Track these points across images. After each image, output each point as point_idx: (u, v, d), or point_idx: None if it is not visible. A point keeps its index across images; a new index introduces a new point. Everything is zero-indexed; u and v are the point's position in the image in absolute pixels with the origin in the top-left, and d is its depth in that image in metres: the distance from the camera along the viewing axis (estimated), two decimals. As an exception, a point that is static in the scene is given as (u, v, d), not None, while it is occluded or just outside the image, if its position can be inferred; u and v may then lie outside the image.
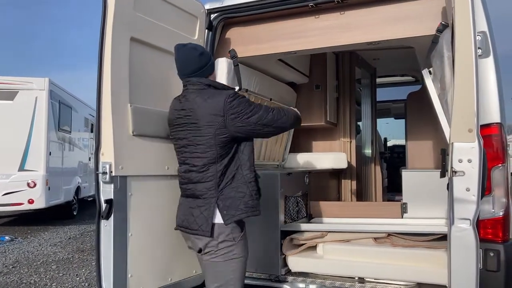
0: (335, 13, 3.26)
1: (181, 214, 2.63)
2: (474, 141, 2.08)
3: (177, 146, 2.64)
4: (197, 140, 2.46)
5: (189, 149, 2.52)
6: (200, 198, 2.48)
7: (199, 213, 2.47)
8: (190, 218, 2.51)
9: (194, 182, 2.51)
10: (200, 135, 2.45)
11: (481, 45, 2.60)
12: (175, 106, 2.65)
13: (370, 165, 5.78)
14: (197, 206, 2.49)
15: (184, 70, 2.58)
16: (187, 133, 2.52)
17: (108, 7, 2.54)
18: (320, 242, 3.24)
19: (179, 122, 2.57)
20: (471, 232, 2.05)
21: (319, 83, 4.92)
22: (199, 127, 2.45)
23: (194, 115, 2.47)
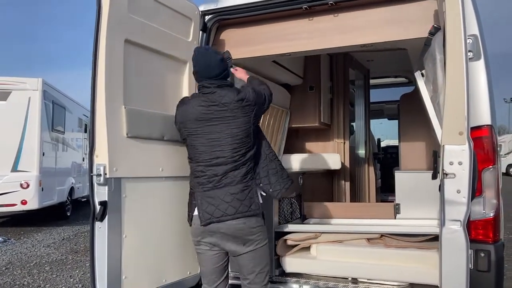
0: (329, 16, 3.28)
1: (219, 205, 2.58)
2: (465, 143, 2.11)
3: (203, 141, 2.65)
4: (235, 132, 2.62)
5: (226, 141, 2.62)
6: (241, 183, 2.63)
7: (245, 196, 2.61)
8: (235, 202, 2.59)
9: (231, 170, 2.62)
10: (237, 126, 2.63)
11: (472, 48, 2.63)
12: (199, 103, 2.68)
13: (364, 165, 5.82)
14: (240, 191, 2.61)
15: (208, 74, 2.70)
16: (223, 126, 2.63)
17: (102, 9, 2.54)
18: (314, 243, 3.27)
19: (208, 117, 2.64)
20: (461, 233, 2.09)
21: (313, 85, 4.95)
22: (237, 119, 2.63)
23: (229, 109, 2.63)
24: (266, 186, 2.74)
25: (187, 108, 2.74)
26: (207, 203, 2.62)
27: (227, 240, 2.62)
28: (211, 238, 2.65)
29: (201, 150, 2.66)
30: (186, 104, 2.78)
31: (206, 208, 2.61)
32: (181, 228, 3.04)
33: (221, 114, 2.62)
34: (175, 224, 2.99)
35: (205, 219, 2.60)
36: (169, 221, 2.93)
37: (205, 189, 2.64)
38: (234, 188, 2.61)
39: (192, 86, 3.25)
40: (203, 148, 2.66)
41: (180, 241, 3.04)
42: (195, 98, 2.76)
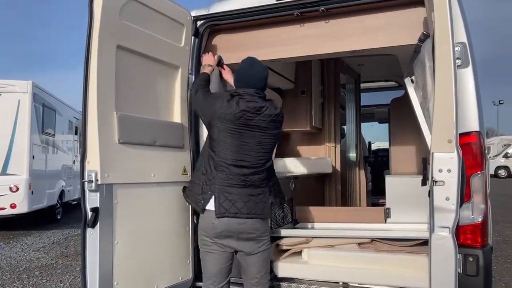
0: (320, 22, 3.31)
1: (237, 203, 2.72)
2: (454, 151, 2.15)
3: (234, 142, 2.74)
4: (267, 141, 2.82)
5: (255, 148, 2.77)
6: (259, 188, 2.81)
7: (259, 199, 2.79)
8: (252, 204, 2.75)
9: (252, 174, 2.78)
10: (269, 136, 2.81)
11: (460, 55, 2.67)
12: (245, 107, 2.74)
13: (355, 169, 5.86)
14: (257, 194, 2.79)
15: (258, 84, 2.87)
16: (256, 134, 2.77)
17: (94, 15, 2.54)
18: (305, 247, 3.29)
19: (248, 123, 2.75)
20: (450, 239, 2.12)
21: (305, 89, 4.98)
22: (270, 131, 2.81)
23: (268, 120, 2.80)
24: (275, 194, 2.98)
25: (232, 106, 2.75)
26: (225, 198, 2.71)
27: (243, 240, 2.74)
28: (228, 239, 2.73)
29: (230, 150, 2.74)
30: (231, 102, 2.78)
31: (223, 202, 2.71)
32: (173, 234, 3.05)
33: (260, 123, 2.77)
34: (167, 230, 3.00)
35: (220, 212, 2.70)
36: (160, 227, 2.93)
37: (225, 184, 2.73)
38: (252, 190, 2.77)
39: (184, 91, 3.27)
40: (233, 148, 2.74)
41: (172, 247, 3.04)
42: (240, 101, 2.78)
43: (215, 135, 2.78)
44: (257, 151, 2.78)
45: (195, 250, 3.25)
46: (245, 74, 2.87)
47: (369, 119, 8.09)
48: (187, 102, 3.29)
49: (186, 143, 3.20)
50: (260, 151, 2.79)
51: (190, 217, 3.20)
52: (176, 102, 3.21)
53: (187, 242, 3.17)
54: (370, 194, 6.24)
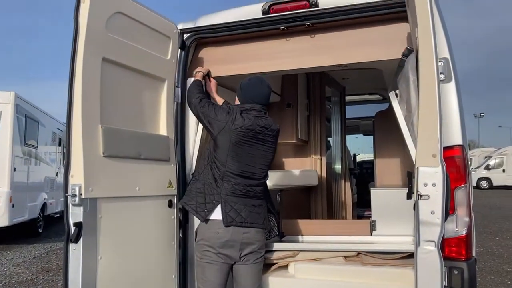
0: (306, 36, 3.34)
1: (242, 212, 2.81)
2: (438, 166, 2.18)
3: (241, 153, 2.83)
4: (269, 155, 2.96)
5: (258, 160, 2.89)
6: (260, 199, 2.94)
7: (260, 210, 2.92)
8: (255, 215, 2.86)
9: (255, 185, 2.90)
10: (270, 150, 2.96)
11: (443, 70, 2.72)
12: (256, 122, 2.88)
13: (340, 181, 5.88)
14: (258, 205, 2.92)
15: (264, 101, 3.02)
16: (261, 147, 2.89)
17: (80, 27, 2.53)
18: (292, 261, 3.27)
19: (257, 136, 2.87)
20: (435, 253, 2.13)
21: (291, 102, 5.00)
22: (272, 145, 2.97)
23: (272, 135, 2.95)
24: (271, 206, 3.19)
25: (245, 119, 2.85)
26: (231, 207, 2.78)
27: (245, 247, 2.82)
28: (231, 249, 2.77)
29: (239, 160, 2.82)
30: (243, 115, 2.87)
31: (229, 212, 2.77)
32: (158, 248, 3.01)
33: (266, 137, 2.90)
34: (152, 245, 2.95)
35: (228, 221, 2.75)
36: (145, 241, 2.89)
37: (230, 194, 2.80)
38: (254, 201, 2.89)
39: (170, 103, 3.26)
40: (241, 159, 2.83)
41: (157, 262, 3.00)
42: (250, 115, 2.88)
43: (224, 145, 2.82)
44: (260, 163, 2.91)
45: (180, 265, 3.22)
46: (254, 90, 2.98)
47: (354, 131, 8.16)
48: (173, 115, 3.28)
49: (171, 156, 3.18)
50: (263, 164, 2.92)
51: (176, 231, 3.17)
52: (162, 114, 3.19)
53: (172, 257, 3.13)
54: (356, 206, 6.26)
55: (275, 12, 3.24)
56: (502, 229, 11.15)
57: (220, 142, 2.83)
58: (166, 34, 3.22)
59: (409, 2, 2.62)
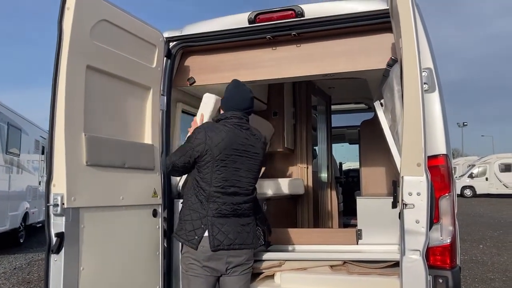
0: (292, 46, 3.37)
1: (230, 234, 2.72)
2: (423, 175, 2.19)
3: (226, 168, 2.73)
4: (255, 167, 2.85)
5: (245, 174, 2.78)
6: (249, 217, 2.84)
7: (249, 229, 2.82)
8: (244, 234, 2.77)
9: (244, 202, 2.79)
10: (256, 161, 2.85)
11: (427, 80, 2.76)
12: (237, 133, 2.80)
13: (326, 190, 5.89)
14: (247, 224, 2.81)
15: (244, 105, 2.91)
16: (247, 160, 2.79)
17: (64, 34, 2.50)
18: (278, 270, 3.25)
19: (240, 148, 2.78)
20: (420, 262, 2.14)
21: (277, 110, 5.01)
22: (258, 156, 2.86)
23: (256, 146, 2.85)
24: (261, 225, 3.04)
25: (221, 131, 2.76)
26: (218, 229, 2.70)
27: (232, 261, 2.74)
28: (217, 262, 2.70)
29: (222, 177, 2.72)
30: (219, 128, 2.78)
31: (216, 235, 2.69)
32: (142, 259, 2.96)
33: (249, 148, 2.82)
34: (136, 255, 2.91)
35: (215, 245, 2.67)
36: (129, 252, 2.84)
37: (217, 214, 2.71)
38: (243, 220, 2.79)
39: (156, 112, 3.23)
40: (224, 175, 2.73)
41: (141, 273, 2.95)
42: (228, 125, 2.81)
43: (208, 163, 2.72)
44: (247, 176, 2.80)
45: (165, 275, 3.17)
46: (234, 97, 2.92)
47: (340, 140, 8.21)
48: (158, 123, 3.25)
49: (157, 165, 3.15)
50: (249, 177, 2.82)
51: (161, 241, 3.12)
52: (147, 123, 3.16)
53: (157, 267, 3.08)
54: (342, 215, 6.28)
55: (261, 22, 3.26)
56: (485, 237, 11.29)
57: (204, 161, 2.74)
58: (152, 42, 3.20)
59: (393, 13, 2.65)
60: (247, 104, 2.93)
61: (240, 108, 2.89)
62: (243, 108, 2.90)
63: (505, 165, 28.99)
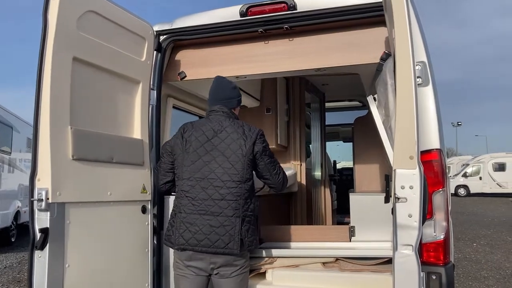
0: (284, 40, 3.31)
1: (197, 233, 2.58)
2: (415, 168, 2.15)
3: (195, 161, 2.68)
4: (233, 161, 2.67)
5: (220, 169, 2.64)
6: (227, 217, 2.59)
7: (224, 232, 2.57)
8: (213, 236, 2.57)
9: (220, 199, 2.61)
10: (236, 159, 2.67)
11: (420, 74, 2.71)
12: (211, 125, 2.75)
13: (320, 187, 5.85)
14: (222, 225, 2.57)
15: (220, 96, 2.84)
16: (221, 154, 2.67)
17: (49, 25, 2.43)
18: (269, 268, 3.20)
19: (216, 141, 2.70)
20: (413, 257, 2.09)
21: (270, 107, 4.96)
22: (238, 150, 2.68)
23: (238, 139, 2.70)
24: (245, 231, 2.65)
25: (194, 126, 2.80)
26: (185, 228, 2.61)
27: (217, 260, 2.60)
28: (200, 262, 2.62)
29: (192, 169, 2.67)
30: (197, 123, 2.84)
31: (183, 233, 2.61)
32: (130, 256, 2.90)
33: (229, 141, 2.71)
34: (124, 252, 2.84)
35: (179, 243, 2.61)
36: (117, 248, 2.78)
37: (188, 211, 2.64)
38: (216, 220, 2.59)
39: (145, 106, 3.17)
40: (195, 167, 2.67)
41: (129, 270, 2.89)
42: (203, 120, 2.82)
43: (179, 157, 2.75)
44: (223, 172, 2.65)
45: (154, 273, 3.11)
46: (213, 92, 2.92)
47: (334, 138, 8.17)
48: (147, 118, 3.19)
49: (146, 160, 3.08)
50: (227, 172, 2.64)
51: (150, 237, 3.06)
52: (136, 117, 3.09)
53: (146, 265, 3.02)
54: (336, 213, 6.24)
55: (253, 15, 3.20)
56: (479, 236, 11.31)
57: (177, 154, 2.77)
58: (141, 35, 3.13)
59: (387, 6, 2.61)
60: (225, 93, 2.86)
61: (218, 98, 2.84)
62: (220, 98, 2.84)
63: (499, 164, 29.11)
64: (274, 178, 2.86)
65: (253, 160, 2.74)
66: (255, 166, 2.77)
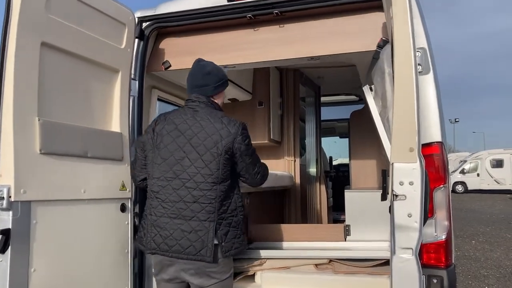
0: (275, 26, 3.11)
1: (168, 238, 2.37)
2: (416, 161, 1.93)
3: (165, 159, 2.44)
4: (207, 158, 2.39)
5: (192, 168, 2.39)
6: (200, 221, 2.34)
7: (196, 237, 2.33)
8: (184, 242, 2.34)
9: (193, 201, 2.36)
10: (211, 156, 2.39)
11: (420, 61, 2.51)
12: (184, 116, 2.50)
13: (315, 184, 5.66)
14: (194, 230, 2.33)
15: (194, 83, 2.58)
16: (193, 149, 2.41)
17: (12, 5, 2.21)
18: (259, 270, 3.00)
19: (189, 135, 2.44)
20: (413, 262, 1.88)
21: (263, 100, 4.75)
22: (212, 145, 2.40)
23: (213, 133, 2.42)
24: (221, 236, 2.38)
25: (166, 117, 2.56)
26: (156, 232, 2.42)
27: (190, 268, 2.38)
28: (172, 268, 2.41)
29: (161, 167, 2.45)
30: (169, 116, 2.58)
31: (154, 237, 2.42)
32: (107, 258, 2.69)
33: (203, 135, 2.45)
34: (100, 254, 2.63)
35: (151, 248, 2.43)
36: (94, 250, 2.57)
37: (158, 213, 2.43)
38: (188, 225, 2.36)
39: (125, 97, 2.96)
40: (164, 166, 2.45)
41: (106, 274, 2.67)
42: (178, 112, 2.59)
43: (149, 154, 2.53)
44: (196, 171, 2.38)
45: (136, 276, 2.91)
46: (189, 79, 2.66)
47: (330, 133, 7.97)
48: (128, 110, 2.97)
49: (126, 155, 2.87)
50: (200, 172, 2.37)
51: (130, 238, 2.85)
52: (115, 109, 2.88)
53: (126, 267, 2.81)
54: (331, 210, 6.04)
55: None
56: (478, 233, 11.15)
57: (149, 153, 2.54)
58: (121, 21, 2.91)
59: (384, -14, 2.40)
60: (197, 80, 2.56)
61: (193, 85, 2.58)
62: (194, 85, 2.57)
63: (497, 160, 28.99)
64: (253, 178, 2.58)
65: (231, 159, 2.45)
66: (234, 165, 2.49)
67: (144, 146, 2.58)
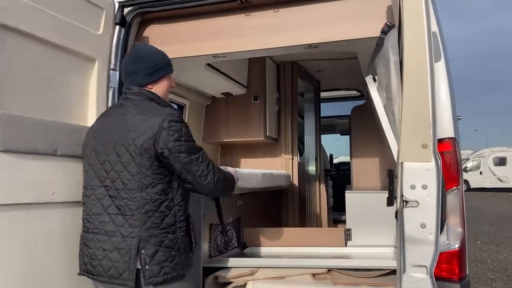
0: (269, 11, 2.84)
1: (91, 256, 2.07)
2: (431, 160, 1.62)
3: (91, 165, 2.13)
4: (128, 161, 2.01)
5: (114, 174, 2.03)
6: (125, 237, 1.97)
7: (118, 257, 1.97)
8: (106, 263, 2.00)
9: (116, 213, 2.01)
10: (131, 158, 2.00)
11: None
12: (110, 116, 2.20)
13: (314, 183, 5.38)
14: (116, 248, 1.98)
15: (125, 70, 2.26)
16: (115, 152, 2.05)
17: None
18: (250, 280, 2.72)
19: (113, 136, 2.07)
20: (428, 283, 1.59)
21: (258, 94, 4.47)
22: (131, 145, 2.01)
23: (135, 130, 2.02)
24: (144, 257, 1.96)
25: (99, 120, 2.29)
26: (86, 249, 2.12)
27: None
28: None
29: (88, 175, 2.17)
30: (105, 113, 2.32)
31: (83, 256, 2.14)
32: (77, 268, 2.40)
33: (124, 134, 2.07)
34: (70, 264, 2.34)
35: (81, 270, 2.14)
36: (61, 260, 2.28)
37: (85, 229, 2.15)
38: (110, 242, 2.01)
39: (103, 89, 2.69)
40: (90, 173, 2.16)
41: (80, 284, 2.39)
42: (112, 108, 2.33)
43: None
44: (119, 177, 2.01)
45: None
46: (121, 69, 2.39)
47: (330, 130, 7.70)
48: (106, 103, 2.69)
49: (102, 153, 2.58)
50: (121, 177, 2.00)
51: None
52: (90, 102, 2.61)
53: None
54: (332, 210, 5.76)
55: (231, -21, 2.71)
56: (482, 233, 10.86)
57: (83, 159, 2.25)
58: (98, 4, 2.64)
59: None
60: (127, 67, 2.22)
61: (123, 75, 2.27)
62: (124, 73, 2.26)
63: (499, 158, 28.69)
64: (200, 184, 2.05)
65: (158, 160, 1.99)
66: (169, 167, 2.03)
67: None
